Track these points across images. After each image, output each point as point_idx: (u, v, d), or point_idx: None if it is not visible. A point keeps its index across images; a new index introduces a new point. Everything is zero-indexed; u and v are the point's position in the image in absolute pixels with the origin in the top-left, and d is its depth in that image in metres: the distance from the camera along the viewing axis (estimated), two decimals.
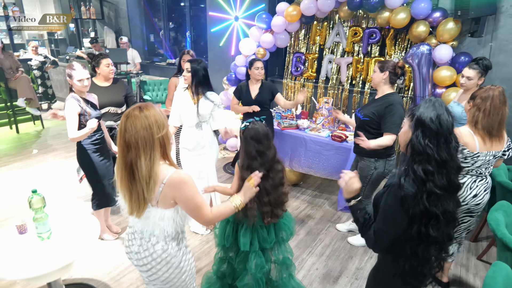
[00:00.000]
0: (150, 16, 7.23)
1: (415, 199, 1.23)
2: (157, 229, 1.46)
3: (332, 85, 4.59)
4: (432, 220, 1.23)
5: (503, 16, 3.39)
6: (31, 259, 1.87)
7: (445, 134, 1.24)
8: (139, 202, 1.39)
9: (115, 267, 2.70)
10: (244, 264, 2.04)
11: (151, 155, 1.35)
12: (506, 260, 1.84)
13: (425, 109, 1.26)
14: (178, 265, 1.54)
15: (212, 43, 5.55)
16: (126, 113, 1.36)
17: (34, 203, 1.93)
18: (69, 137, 2.53)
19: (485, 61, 2.68)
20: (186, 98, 2.81)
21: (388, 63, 2.60)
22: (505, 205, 2.11)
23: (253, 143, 1.88)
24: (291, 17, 4.30)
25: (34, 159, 4.79)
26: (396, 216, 1.27)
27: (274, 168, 1.94)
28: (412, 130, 1.28)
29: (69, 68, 2.55)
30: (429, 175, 1.22)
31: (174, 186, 1.39)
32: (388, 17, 3.71)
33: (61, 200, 3.66)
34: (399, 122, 2.49)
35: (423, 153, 1.23)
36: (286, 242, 2.15)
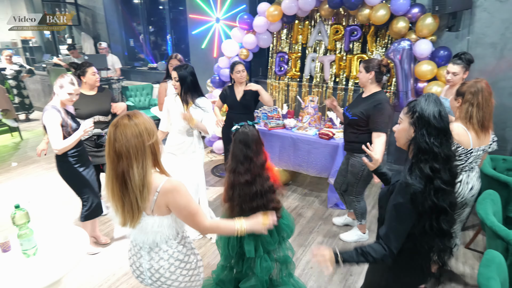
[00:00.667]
0: (129, 21, 7.10)
1: (423, 194, 1.24)
2: (158, 237, 1.44)
3: (316, 83, 4.62)
4: (442, 215, 1.26)
5: (478, 10, 3.49)
6: (16, 278, 1.79)
7: (447, 129, 1.26)
8: (133, 212, 1.36)
9: (106, 279, 2.63)
10: (252, 269, 2.02)
11: (143, 163, 1.32)
12: (496, 247, 1.89)
13: (426, 106, 1.26)
14: (196, 264, 1.58)
15: (194, 46, 5.50)
16: (115, 122, 1.32)
17: (17, 219, 1.84)
18: (56, 148, 2.43)
19: (467, 55, 2.72)
20: (177, 104, 2.75)
21: (372, 62, 2.62)
22: (492, 194, 2.16)
23: (241, 147, 1.84)
24: (273, 17, 4.30)
25: (13, 172, 4.61)
26: (408, 214, 1.27)
27: (261, 176, 1.88)
28: (415, 128, 1.29)
29: (62, 78, 2.47)
30: (436, 173, 1.23)
31: (167, 194, 1.37)
32: (368, 14, 3.76)
33: (45, 214, 3.54)
34: (387, 120, 2.53)
35: (429, 152, 1.24)
36: (287, 240, 2.15)
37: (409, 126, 1.32)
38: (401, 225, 1.30)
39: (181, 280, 1.51)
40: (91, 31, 7.48)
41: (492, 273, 1.47)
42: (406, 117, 1.34)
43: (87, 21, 7.45)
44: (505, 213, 2.51)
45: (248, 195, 1.85)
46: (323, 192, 3.99)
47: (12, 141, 5.97)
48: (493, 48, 3.49)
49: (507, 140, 3.62)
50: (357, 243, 3.04)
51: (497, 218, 2.02)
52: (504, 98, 3.51)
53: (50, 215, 3.51)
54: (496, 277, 1.46)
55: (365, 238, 3.12)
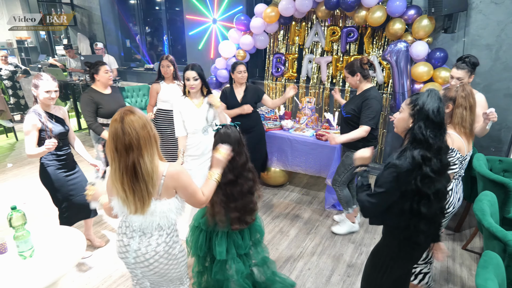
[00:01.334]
0: (125, 21, 7.07)
1: (408, 176, 1.35)
2: (163, 220, 1.53)
3: (313, 84, 4.63)
4: (423, 199, 1.37)
5: (474, 12, 3.52)
6: (13, 280, 1.77)
7: (442, 124, 1.35)
8: (143, 198, 1.46)
9: (103, 281, 2.61)
10: (223, 273, 2.00)
11: (151, 151, 1.44)
12: (494, 248, 1.90)
13: (428, 100, 1.36)
14: (176, 255, 1.63)
15: (190, 47, 5.49)
16: (118, 118, 1.39)
17: (14, 220, 1.82)
18: (26, 153, 2.38)
19: (472, 58, 2.59)
20: (187, 105, 2.72)
21: (354, 65, 2.75)
22: (489, 195, 2.17)
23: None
24: (270, 18, 4.31)
25: (9, 173, 4.57)
26: (389, 189, 1.40)
27: (243, 175, 1.91)
28: (413, 120, 1.39)
29: (37, 78, 2.40)
30: (427, 161, 1.34)
31: (173, 177, 1.50)
32: (365, 15, 3.78)
33: (41, 215, 3.51)
34: (373, 115, 2.66)
35: (423, 142, 1.35)
36: (261, 242, 2.16)
37: (409, 117, 1.42)
38: (380, 201, 1.45)
39: (161, 267, 1.60)
40: (87, 31, 7.45)
41: (489, 274, 1.47)
42: (407, 108, 1.44)
43: (83, 21, 7.41)
44: (502, 214, 2.53)
45: (233, 194, 1.88)
46: (320, 193, 4.00)
47: (7, 142, 5.91)
48: (488, 49, 3.52)
49: (503, 141, 3.65)
50: (355, 244, 3.05)
51: (494, 219, 2.03)
52: (499, 99, 3.54)
53: (46, 217, 3.48)
54: (493, 278, 1.47)
55: (356, 228, 3.19)
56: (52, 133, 2.43)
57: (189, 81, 2.64)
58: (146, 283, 1.74)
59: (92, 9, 7.11)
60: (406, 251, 1.55)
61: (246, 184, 1.92)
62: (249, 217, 1.99)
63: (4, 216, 1.89)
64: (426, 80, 3.61)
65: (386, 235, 1.64)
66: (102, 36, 7.12)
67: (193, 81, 2.64)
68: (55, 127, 2.48)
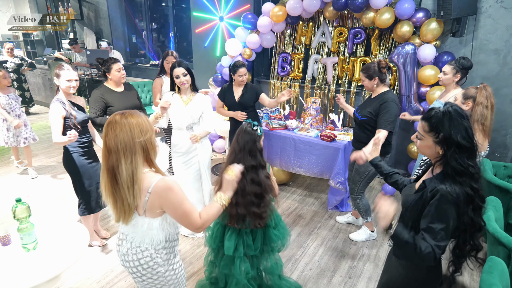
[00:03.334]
0: (131, 17, 7.08)
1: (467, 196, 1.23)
2: (147, 238, 1.44)
3: (319, 85, 4.62)
4: (476, 231, 1.28)
5: (483, 16, 3.49)
6: (16, 272, 1.78)
7: (475, 147, 1.22)
8: (124, 208, 1.37)
9: (105, 275, 2.62)
10: (229, 268, 2.01)
11: (132, 159, 1.33)
12: (498, 254, 1.89)
13: (452, 126, 1.21)
14: (163, 274, 1.53)
15: (196, 44, 5.48)
16: (109, 119, 1.36)
17: (18, 212, 1.83)
18: (54, 141, 2.48)
19: (462, 60, 2.72)
20: (175, 101, 2.77)
21: (372, 69, 2.66)
22: (494, 201, 2.16)
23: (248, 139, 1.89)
24: (277, 18, 4.30)
25: (12, 166, 4.59)
26: (453, 217, 1.25)
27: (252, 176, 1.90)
28: (443, 149, 1.25)
29: (58, 68, 2.51)
30: (476, 192, 1.23)
31: (160, 194, 1.36)
32: (373, 17, 3.76)
33: (44, 208, 3.52)
34: (392, 119, 2.58)
35: (466, 173, 1.21)
36: (276, 252, 2.13)
37: (435, 145, 1.27)
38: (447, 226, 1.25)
39: (144, 279, 1.53)
40: (94, 26, 7.46)
41: (494, 280, 1.47)
42: (429, 136, 1.28)
43: (90, 16, 7.43)
44: (507, 220, 2.52)
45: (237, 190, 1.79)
46: (323, 194, 3.99)
47: None
48: (496, 54, 3.50)
49: (508, 147, 3.63)
50: (357, 245, 3.05)
51: (498, 224, 2.02)
52: (506, 105, 3.52)
53: (49, 210, 3.50)
54: (498, 284, 1.46)
55: (374, 236, 3.15)
56: (76, 120, 2.54)
57: (179, 78, 2.67)
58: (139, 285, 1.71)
59: (99, 3, 7.12)
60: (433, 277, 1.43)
61: (252, 185, 1.89)
62: (258, 221, 1.93)
63: (8, 208, 1.89)
64: (432, 83, 3.60)
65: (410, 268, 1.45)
66: (109, 31, 7.14)
67: (183, 77, 2.68)
68: (78, 114, 2.59)
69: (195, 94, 2.82)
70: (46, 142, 5.47)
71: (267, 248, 2.06)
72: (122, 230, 1.55)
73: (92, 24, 7.46)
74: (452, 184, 1.23)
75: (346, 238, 3.16)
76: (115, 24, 7.04)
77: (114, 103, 2.96)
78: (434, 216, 1.25)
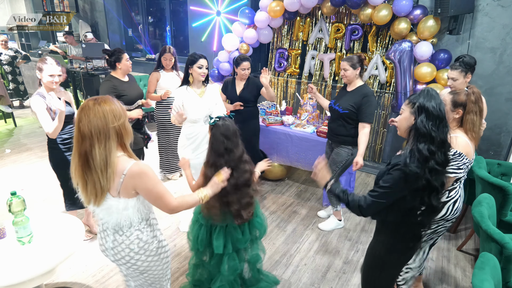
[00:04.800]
0: (128, 10, 7.01)
1: (417, 178, 1.38)
2: (122, 219, 1.48)
3: (315, 81, 4.62)
4: (433, 192, 1.41)
5: (480, 15, 3.51)
6: (11, 265, 1.77)
7: (443, 117, 1.40)
8: (96, 191, 1.41)
9: (100, 269, 2.62)
10: (219, 267, 2.01)
11: (106, 144, 1.37)
12: (490, 250, 1.91)
13: (427, 98, 1.41)
14: (156, 252, 1.59)
15: (193, 39, 5.46)
16: (82, 105, 1.38)
17: (14, 206, 1.82)
18: (48, 132, 2.42)
19: (466, 59, 2.66)
20: (189, 95, 2.75)
21: (355, 59, 2.75)
22: (487, 198, 2.19)
23: (222, 139, 1.84)
24: (274, 13, 4.28)
25: (7, 159, 4.56)
26: (395, 189, 1.43)
27: (239, 168, 1.88)
28: (415, 116, 1.43)
29: (41, 62, 2.44)
30: (432, 154, 1.37)
31: (134, 177, 1.41)
32: (371, 13, 3.76)
33: (38, 202, 3.50)
34: (373, 112, 2.72)
35: (427, 135, 1.39)
36: (260, 239, 2.14)
37: (410, 115, 1.46)
38: (384, 199, 1.47)
39: (140, 264, 1.57)
40: (89, 19, 7.38)
41: (486, 275, 1.49)
42: (407, 107, 1.49)
43: (85, 8, 7.34)
44: (499, 217, 2.55)
45: (227, 188, 1.82)
46: (318, 189, 4.01)
47: (5, 127, 5.89)
48: (492, 53, 3.52)
49: (502, 145, 3.66)
50: (351, 241, 3.07)
51: (491, 221, 2.05)
52: (501, 103, 3.55)
53: (43, 203, 3.48)
54: (490, 279, 1.48)
55: (342, 225, 3.24)
56: (55, 115, 2.45)
57: (202, 69, 2.74)
58: (131, 283, 1.75)
59: None
60: (401, 246, 1.57)
61: (242, 177, 1.88)
62: (246, 212, 1.92)
63: (3, 202, 1.88)
64: (429, 81, 3.61)
65: (380, 232, 1.66)
66: (104, 24, 7.07)
67: (205, 69, 2.74)
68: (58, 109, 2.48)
69: (205, 85, 2.83)
70: (41, 136, 5.43)
71: (252, 237, 2.07)
72: (101, 222, 1.58)
73: (88, 17, 7.38)
74: (411, 161, 1.39)
75: (341, 233, 3.19)
76: (111, 17, 6.97)
77: (126, 92, 3.00)
78: (382, 180, 1.48)
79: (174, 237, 3.04)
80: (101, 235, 1.60)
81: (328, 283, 2.58)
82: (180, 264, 2.71)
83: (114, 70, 3.03)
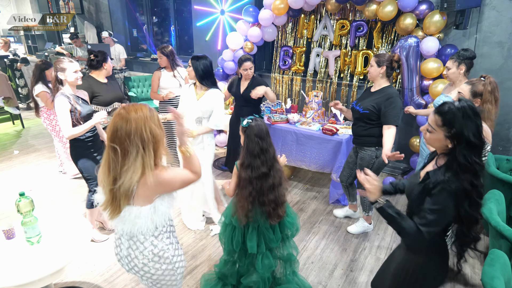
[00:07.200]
0: (132, 10, 7.04)
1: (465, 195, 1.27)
2: (135, 227, 1.44)
3: (320, 78, 4.59)
4: (472, 224, 1.34)
5: (487, 8, 3.45)
6: (20, 265, 1.79)
7: (483, 145, 1.26)
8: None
9: (108, 268, 2.64)
10: (253, 265, 2.03)
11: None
12: (500, 247, 1.89)
13: (465, 123, 1.23)
14: (171, 260, 1.54)
15: (197, 38, 5.46)
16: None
17: (22, 206, 1.84)
18: (66, 135, 2.44)
19: (463, 51, 2.68)
20: (189, 94, 2.88)
21: (384, 57, 2.64)
22: (496, 194, 2.16)
23: (257, 140, 1.84)
24: (279, 10, 4.26)
25: (15, 160, 4.61)
26: (447, 207, 1.29)
27: (274, 167, 1.90)
28: (452, 143, 1.29)
29: (60, 63, 2.47)
30: (475, 188, 1.26)
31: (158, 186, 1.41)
32: (376, 9, 3.72)
33: (47, 203, 3.54)
34: (399, 114, 2.60)
35: (470, 170, 1.25)
36: (291, 238, 2.14)
37: (445, 139, 1.30)
38: (443, 217, 1.31)
39: (153, 272, 1.53)
40: (94, 20, 7.43)
41: (496, 272, 1.47)
42: (440, 130, 1.30)
43: (91, 10, 7.39)
44: (509, 213, 2.52)
45: (265, 188, 1.85)
46: (325, 188, 3.99)
47: (13, 129, 5.96)
48: (500, 47, 3.47)
49: (511, 141, 3.61)
50: (359, 238, 3.05)
51: (500, 218, 2.02)
52: (510, 98, 3.49)
53: (52, 204, 3.52)
54: (500, 277, 1.46)
55: (371, 228, 3.17)
56: (80, 115, 2.51)
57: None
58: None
59: None
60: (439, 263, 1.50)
61: (278, 175, 1.90)
62: (281, 210, 1.94)
63: (12, 202, 1.90)
64: (435, 76, 3.57)
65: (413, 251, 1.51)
66: (109, 25, 7.10)
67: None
68: (83, 108, 2.56)
69: (208, 89, 2.83)
70: (48, 137, 5.48)
71: (283, 235, 2.06)
72: (116, 230, 1.55)
73: (93, 18, 7.43)
74: (452, 176, 1.27)
75: (347, 231, 3.17)
76: (116, 18, 7.01)
77: (101, 93, 3.07)
78: (430, 203, 1.31)
79: (181, 235, 3.05)
80: (116, 243, 1.59)
81: (335, 281, 2.57)
82: (187, 263, 2.72)
83: (97, 70, 3.08)
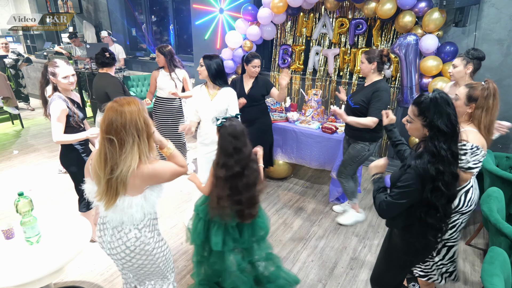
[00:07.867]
0: (131, 9, 7.03)
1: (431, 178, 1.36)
2: (125, 217, 1.51)
3: (320, 76, 4.59)
4: (431, 209, 1.41)
5: (486, 6, 3.45)
6: (20, 265, 1.79)
7: (455, 132, 1.37)
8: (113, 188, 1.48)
9: (108, 268, 2.64)
10: (221, 264, 2.00)
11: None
12: (500, 244, 1.89)
13: (437, 111, 1.36)
14: (151, 252, 1.62)
15: (196, 37, 5.45)
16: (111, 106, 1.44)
17: (21, 206, 1.84)
18: (55, 140, 2.39)
19: (473, 51, 2.59)
20: (202, 94, 2.83)
21: (374, 53, 2.71)
22: (496, 191, 2.16)
23: (230, 139, 1.82)
24: (277, 9, 4.26)
25: (15, 160, 4.61)
26: (411, 186, 1.40)
27: (249, 166, 1.87)
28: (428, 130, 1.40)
29: (52, 66, 2.40)
30: (439, 174, 1.35)
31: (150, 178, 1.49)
32: (375, 7, 3.72)
33: (46, 202, 3.54)
34: (382, 107, 2.63)
35: (436, 155, 1.36)
36: (265, 239, 2.12)
37: (422, 128, 1.43)
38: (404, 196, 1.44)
39: (134, 262, 1.61)
40: (93, 19, 7.41)
41: (495, 270, 1.47)
42: (417, 120, 1.43)
43: (89, 9, 7.37)
44: (508, 211, 2.52)
45: (240, 187, 1.84)
46: (324, 185, 3.99)
47: (13, 129, 5.95)
48: (500, 44, 3.46)
49: (511, 138, 3.61)
50: (358, 237, 3.06)
51: (500, 215, 2.02)
52: (509, 96, 3.49)
53: (51, 203, 3.52)
54: (499, 274, 1.46)
55: (362, 217, 3.22)
56: (79, 118, 2.50)
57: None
58: (129, 274, 1.78)
59: None
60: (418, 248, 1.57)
61: (252, 175, 1.89)
62: (254, 210, 1.93)
63: (11, 202, 1.90)
64: (435, 74, 3.57)
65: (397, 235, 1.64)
66: (108, 24, 7.09)
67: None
68: (80, 113, 2.55)
69: (220, 88, 2.80)
70: (48, 136, 5.48)
71: (257, 237, 2.05)
72: (102, 215, 1.62)
73: (92, 17, 7.41)
74: (421, 160, 1.38)
75: (347, 229, 3.17)
76: (115, 17, 6.99)
77: None
78: (398, 179, 1.46)
79: (180, 235, 3.05)
80: (100, 227, 1.65)
81: (336, 279, 2.58)
82: (187, 262, 2.72)
83: (109, 67, 3.23)
